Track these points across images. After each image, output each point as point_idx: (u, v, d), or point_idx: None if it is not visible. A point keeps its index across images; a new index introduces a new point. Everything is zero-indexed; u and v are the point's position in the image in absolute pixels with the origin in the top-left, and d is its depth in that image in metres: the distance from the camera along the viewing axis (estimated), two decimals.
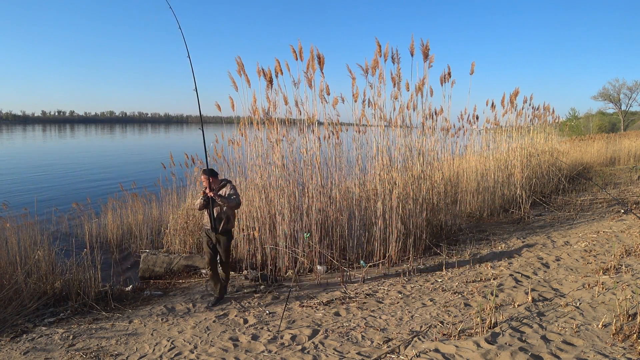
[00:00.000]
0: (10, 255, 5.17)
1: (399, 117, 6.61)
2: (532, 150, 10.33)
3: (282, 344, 3.70)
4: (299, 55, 5.89)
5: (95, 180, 17.26)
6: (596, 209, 8.48)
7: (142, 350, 3.75)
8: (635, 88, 47.96)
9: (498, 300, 4.31)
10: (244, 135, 6.50)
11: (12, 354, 3.77)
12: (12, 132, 74.66)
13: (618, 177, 12.71)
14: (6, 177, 17.66)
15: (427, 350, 3.35)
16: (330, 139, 6.45)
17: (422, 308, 4.34)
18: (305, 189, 6.11)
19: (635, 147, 17.81)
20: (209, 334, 4.02)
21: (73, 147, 39.27)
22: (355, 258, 6.10)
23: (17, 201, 11.18)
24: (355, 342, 3.64)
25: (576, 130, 38.82)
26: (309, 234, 5.88)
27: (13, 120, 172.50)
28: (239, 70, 5.93)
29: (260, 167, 6.26)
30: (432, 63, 6.49)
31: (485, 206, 8.84)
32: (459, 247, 6.54)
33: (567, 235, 6.74)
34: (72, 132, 75.73)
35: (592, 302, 4.04)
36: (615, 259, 5.15)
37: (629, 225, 6.78)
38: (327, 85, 6.08)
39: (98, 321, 4.48)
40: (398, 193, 6.25)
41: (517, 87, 9.48)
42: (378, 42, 6.04)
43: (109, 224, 8.19)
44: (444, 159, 8.38)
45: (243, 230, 6.28)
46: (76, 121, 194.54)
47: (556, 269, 5.21)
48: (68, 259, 5.34)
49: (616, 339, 3.30)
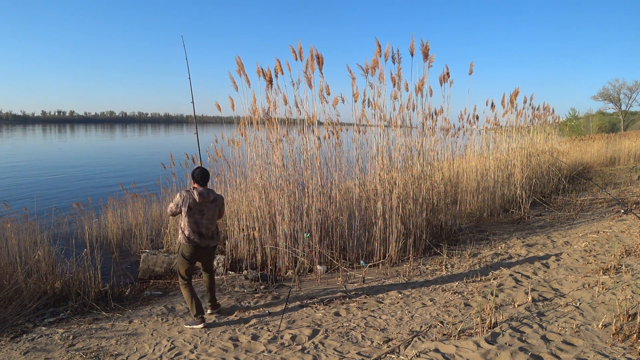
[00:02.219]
0: (10, 255, 5.17)
1: (399, 117, 6.62)
2: (532, 150, 10.33)
3: (282, 344, 3.70)
4: (299, 55, 5.89)
5: (95, 180, 17.26)
6: (596, 209, 8.48)
7: (142, 350, 3.75)
8: (635, 88, 48.03)
9: (498, 300, 4.31)
10: (244, 135, 6.50)
11: (12, 354, 3.77)
12: (12, 132, 74.66)
13: (618, 177, 12.71)
14: (6, 177, 17.66)
15: (427, 350, 3.35)
16: (330, 139, 6.45)
17: (422, 308, 4.34)
18: (305, 189, 6.11)
19: (635, 147, 17.81)
20: (208, 334, 4.02)
21: (73, 147, 39.28)
22: (355, 258, 6.10)
23: (17, 201, 11.18)
24: (355, 342, 3.64)
25: (576, 130, 38.86)
26: (309, 234, 5.88)
27: (13, 120, 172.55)
28: (238, 70, 5.93)
29: (260, 167, 6.26)
30: (432, 63, 6.50)
31: (485, 206, 8.83)
32: (459, 247, 6.54)
33: (567, 235, 6.74)
34: (72, 132, 75.76)
35: (592, 302, 4.04)
36: (615, 259, 5.15)
37: (629, 225, 6.78)
38: (327, 85, 6.09)
39: (98, 321, 4.48)
40: (398, 193, 6.25)
41: (517, 87, 9.48)
42: (378, 42, 6.04)
43: (109, 224, 8.18)
44: (444, 159, 8.38)
45: (243, 230, 6.28)
46: (76, 121, 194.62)
47: (556, 269, 5.22)
48: (68, 259, 5.34)
49: (616, 339, 3.30)
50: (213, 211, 4.28)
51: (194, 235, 4.17)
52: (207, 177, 4.30)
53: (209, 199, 4.21)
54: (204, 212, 4.22)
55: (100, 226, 8.23)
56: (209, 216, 4.24)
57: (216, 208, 4.31)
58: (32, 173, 19.00)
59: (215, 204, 4.29)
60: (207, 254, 4.38)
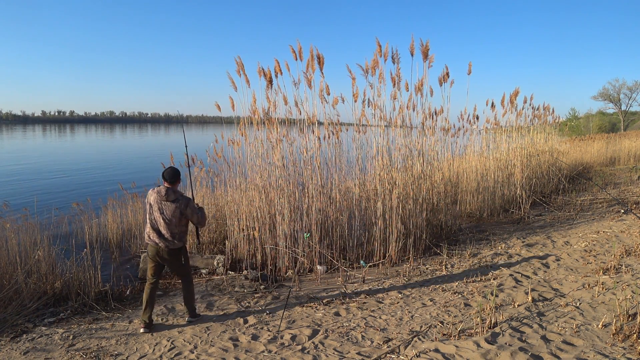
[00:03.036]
0: (10, 256, 5.17)
1: (399, 117, 6.62)
2: (532, 150, 10.33)
3: (282, 344, 3.70)
4: (299, 55, 5.89)
5: (95, 180, 17.26)
6: (596, 209, 8.48)
7: (142, 350, 3.75)
8: (635, 88, 48.02)
9: (498, 300, 4.31)
10: (244, 135, 6.50)
11: (12, 354, 3.77)
12: (12, 132, 74.66)
13: (618, 177, 12.71)
14: (6, 177, 17.66)
15: (427, 350, 3.35)
16: (330, 139, 6.45)
17: (422, 308, 4.34)
18: (305, 189, 6.11)
19: (635, 147, 17.82)
20: (208, 334, 4.02)
21: (73, 148, 39.27)
22: (355, 258, 6.10)
23: (17, 201, 11.18)
24: (355, 342, 3.64)
25: (576, 130, 38.89)
26: (309, 234, 5.88)
27: (13, 120, 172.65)
28: (238, 70, 5.93)
29: (260, 167, 6.26)
30: (432, 63, 6.51)
31: (485, 206, 8.84)
32: (459, 247, 6.54)
33: (567, 235, 6.74)
34: (72, 132, 75.76)
35: (592, 302, 4.04)
36: (615, 259, 5.15)
37: (629, 225, 6.78)
38: (327, 85, 6.09)
39: (98, 321, 4.48)
40: (398, 193, 6.25)
41: (517, 87, 9.49)
42: (378, 42, 6.04)
43: (109, 224, 8.18)
44: (444, 159, 8.38)
45: (243, 230, 6.28)
46: (76, 121, 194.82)
47: (556, 269, 5.22)
48: (68, 259, 5.34)
49: (616, 339, 3.30)
50: (173, 212, 4.07)
51: (152, 234, 4.08)
52: (173, 176, 4.16)
53: (168, 199, 4.05)
54: (163, 211, 4.07)
55: (100, 226, 8.23)
56: (169, 216, 4.06)
57: (177, 210, 4.08)
58: (32, 173, 18.99)
59: (176, 205, 4.08)
60: (170, 258, 4.16)
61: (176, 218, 4.10)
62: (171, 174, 4.17)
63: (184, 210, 4.13)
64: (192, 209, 4.17)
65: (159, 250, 4.11)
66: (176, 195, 4.12)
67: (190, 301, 4.40)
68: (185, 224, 4.24)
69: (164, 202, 4.09)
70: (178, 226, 4.13)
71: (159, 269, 4.27)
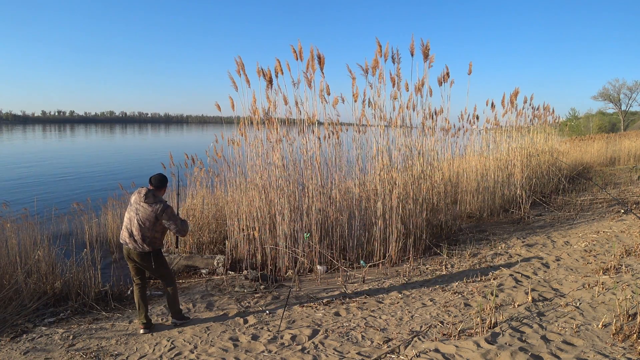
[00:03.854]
0: (10, 255, 5.17)
1: (399, 117, 6.62)
2: (532, 150, 10.33)
3: (282, 344, 3.70)
4: (299, 55, 5.89)
5: (95, 180, 17.27)
6: (596, 209, 8.48)
7: (142, 350, 3.75)
8: (635, 88, 48.04)
9: (498, 300, 4.31)
10: (243, 135, 6.50)
11: (12, 354, 3.77)
12: (12, 132, 74.63)
13: (618, 177, 12.70)
14: (6, 177, 17.65)
15: (427, 350, 3.35)
16: (330, 139, 6.44)
17: (422, 308, 4.34)
18: (305, 189, 6.11)
19: (635, 147, 17.82)
20: (208, 334, 4.02)
21: (73, 148, 39.27)
22: (355, 258, 6.10)
23: (17, 201, 11.18)
24: (355, 342, 3.64)
25: (576, 130, 38.90)
26: (309, 234, 5.88)
27: (13, 120, 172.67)
28: (238, 70, 5.93)
29: (260, 167, 6.26)
30: (433, 63, 6.50)
31: (485, 206, 8.83)
32: (459, 247, 6.54)
33: (567, 235, 6.74)
34: (72, 132, 75.74)
35: (592, 302, 4.04)
36: (615, 259, 5.15)
37: (629, 225, 6.78)
38: (327, 85, 6.09)
39: (98, 321, 4.48)
40: (398, 193, 6.25)
41: (517, 87, 9.49)
42: (379, 42, 6.04)
43: (109, 224, 8.19)
44: (444, 159, 8.38)
45: (243, 230, 6.28)
46: (76, 121, 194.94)
47: (556, 269, 5.21)
48: (68, 259, 5.34)
49: (616, 339, 3.30)
50: (148, 215, 3.95)
51: (124, 233, 4.02)
52: (159, 182, 4.12)
53: (146, 200, 3.98)
54: (138, 211, 3.98)
55: (100, 226, 8.23)
56: (142, 218, 3.95)
57: (152, 213, 3.95)
58: (32, 173, 18.99)
59: (152, 209, 3.96)
60: (141, 260, 4.04)
61: (150, 222, 3.97)
62: (157, 179, 4.13)
63: (160, 215, 3.98)
64: (168, 216, 4.01)
65: (129, 251, 4.04)
66: (155, 199, 4.03)
67: (173, 304, 4.29)
68: (161, 231, 4.08)
69: (142, 203, 4.00)
70: (151, 231, 3.99)
71: (139, 270, 4.18)
